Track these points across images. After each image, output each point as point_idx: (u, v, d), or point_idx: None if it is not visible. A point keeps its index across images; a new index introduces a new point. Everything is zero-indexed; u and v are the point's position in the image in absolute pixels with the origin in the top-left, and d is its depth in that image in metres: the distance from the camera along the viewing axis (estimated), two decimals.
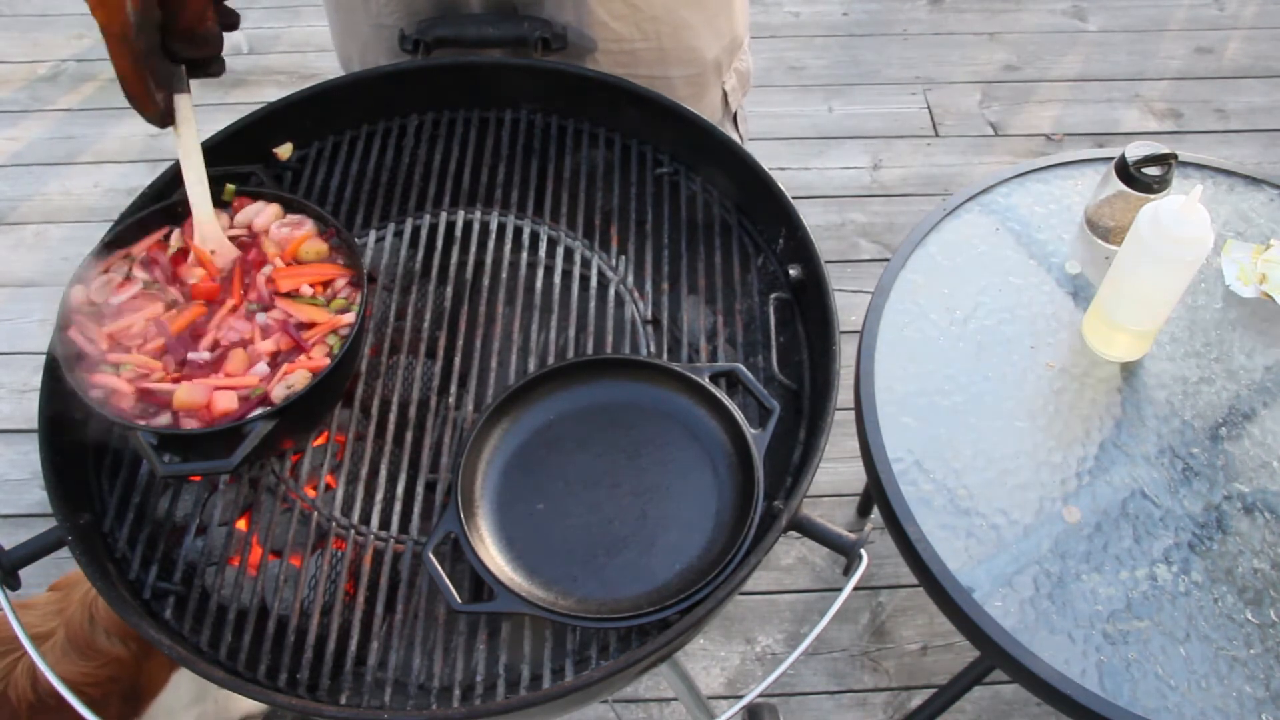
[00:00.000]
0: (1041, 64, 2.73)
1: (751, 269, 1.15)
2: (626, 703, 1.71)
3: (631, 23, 1.23)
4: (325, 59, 2.69)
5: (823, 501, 1.94)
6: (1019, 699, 1.70)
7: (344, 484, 0.99)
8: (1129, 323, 1.22)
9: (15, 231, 2.39)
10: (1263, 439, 1.20)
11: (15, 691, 1.17)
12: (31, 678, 1.18)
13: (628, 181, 1.21)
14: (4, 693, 1.17)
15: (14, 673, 1.18)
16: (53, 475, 0.95)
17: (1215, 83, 2.67)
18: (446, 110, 1.26)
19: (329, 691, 0.89)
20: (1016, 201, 1.42)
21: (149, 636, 0.87)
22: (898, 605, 1.82)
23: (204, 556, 0.96)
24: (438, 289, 1.11)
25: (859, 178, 2.48)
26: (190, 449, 0.92)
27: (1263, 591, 1.09)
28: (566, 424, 1.00)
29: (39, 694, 1.17)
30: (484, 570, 0.89)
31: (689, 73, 1.30)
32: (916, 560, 1.11)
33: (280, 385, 0.92)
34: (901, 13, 2.87)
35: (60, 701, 1.17)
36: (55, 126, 2.61)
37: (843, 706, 1.72)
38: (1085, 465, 1.18)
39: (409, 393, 1.04)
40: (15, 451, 2.02)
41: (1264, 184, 1.44)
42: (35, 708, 1.17)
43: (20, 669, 1.18)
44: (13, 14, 2.89)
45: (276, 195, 1.06)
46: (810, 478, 0.93)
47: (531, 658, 0.91)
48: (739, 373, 1.01)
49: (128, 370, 0.92)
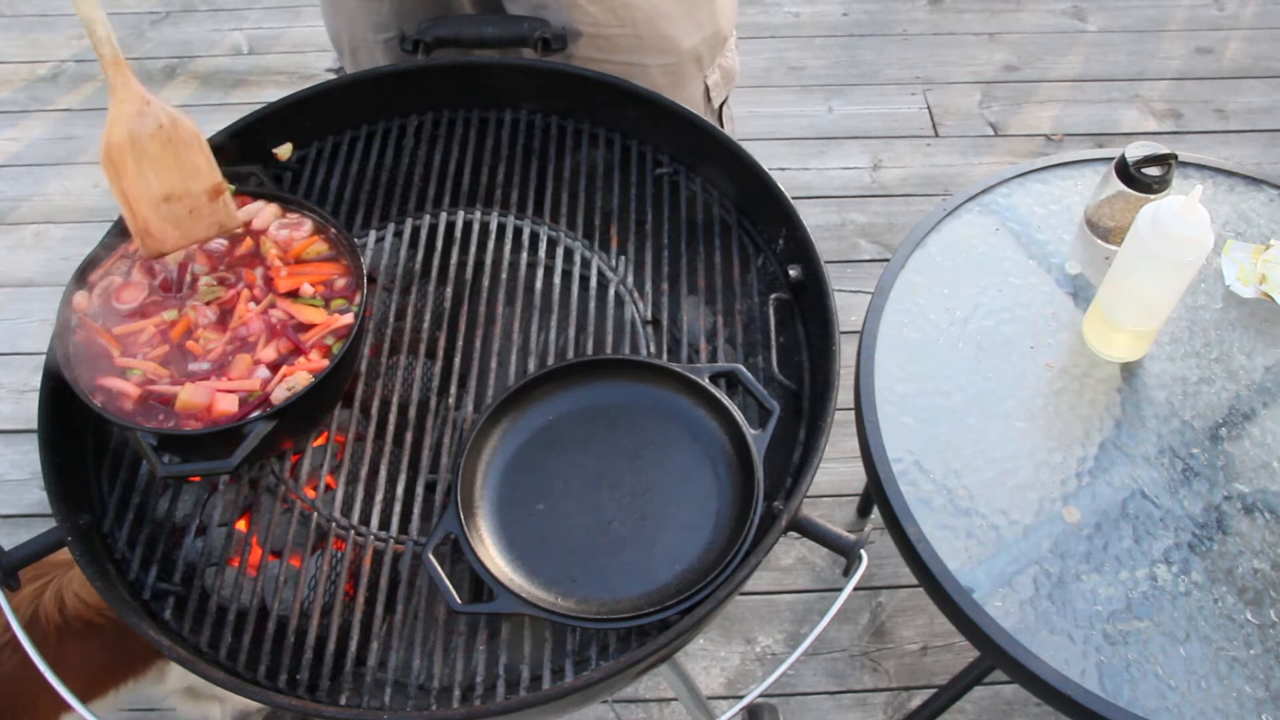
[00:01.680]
0: (1041, 64, 2.73)
1: (751, 269, 1.15)
2: (626, 703, 1.71)
3: (606, 7, 1.23)
4: (325, 59, 2.69)
5: (823, 502, 1.94)
6: (1019, 699, 1.70)
7: (344, 484, 0.99)
8: (1129, 323, 1.22)
9: (15, 231, 2.39)
10: (1263, 439, 1.20)
11: (44, 614, 1.21)
12: (59, 602, 1.22)
13: (628, 181, 1.21)
14: (34, 615, 1.21)
15: (43, 597, 1.22)
16: (53, 475, 0.95)
17: (1215, 83, 2.67)
18: (446, 110, 1.26)
19: (329, 692, 0.89)
20: (1016, 202, 1.42)
21: (149, 637, 0.87)
22: (898, 605, 1.81)
23: (204, 557, 0.96)
24: (437, 289, 1.11)
25: (859, 178, 2.48)
26: (190, 450, 0.92)
27: (1263, 592, 1.09)
28: (566, 424, 1.00)
29: (65, 618, 1.22)
30: (484, 571, 0.89)
31: (665, 61, 1.30)
32: (916, 560, 1.11)
33: (281, 386, 0.92)
34: (901, 13, 2.87)
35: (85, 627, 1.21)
36: (55, 126, 2.60)
37: (843, 707, 1.72)
38: (1085, 465, 1.18)
39: (409, 393, 1.04)
40: (15, 451, 2.02)
41: (1264, 184, 1.44)
42: (62, 630, 1.22)
43: (49, 594, 1.23)
44: (13, 14, 2.89)
45: (276, 195, 1.06)
46: (810, 478, 0.93)
47: (531, 658, 0.91)
48: (739, 373, 1.01)
49: (136, 375, 0.93)
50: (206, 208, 0.99)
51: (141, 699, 1.66)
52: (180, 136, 0.96)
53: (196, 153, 0.97)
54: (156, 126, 0.95)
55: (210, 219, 1.00)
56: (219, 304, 0.98)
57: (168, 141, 0.96)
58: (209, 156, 0.98)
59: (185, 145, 0.96)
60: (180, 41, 2.78)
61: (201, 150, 0.98)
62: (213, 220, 1.00)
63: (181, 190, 0.97)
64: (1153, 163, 1.28)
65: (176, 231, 0.98)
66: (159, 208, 0.97)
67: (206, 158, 0.98)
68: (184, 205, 0.98)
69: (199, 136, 0.97)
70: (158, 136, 0.95)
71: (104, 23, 0.90)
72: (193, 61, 2.73)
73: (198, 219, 0.99)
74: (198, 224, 0.99)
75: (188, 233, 0.99)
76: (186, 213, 0.98)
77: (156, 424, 0.90)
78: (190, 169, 0.97)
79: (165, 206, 0.97)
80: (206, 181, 0.98)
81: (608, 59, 1.26)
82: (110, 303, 0.98)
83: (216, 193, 0.99)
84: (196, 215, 0.99)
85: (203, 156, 0.98)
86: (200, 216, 0.99)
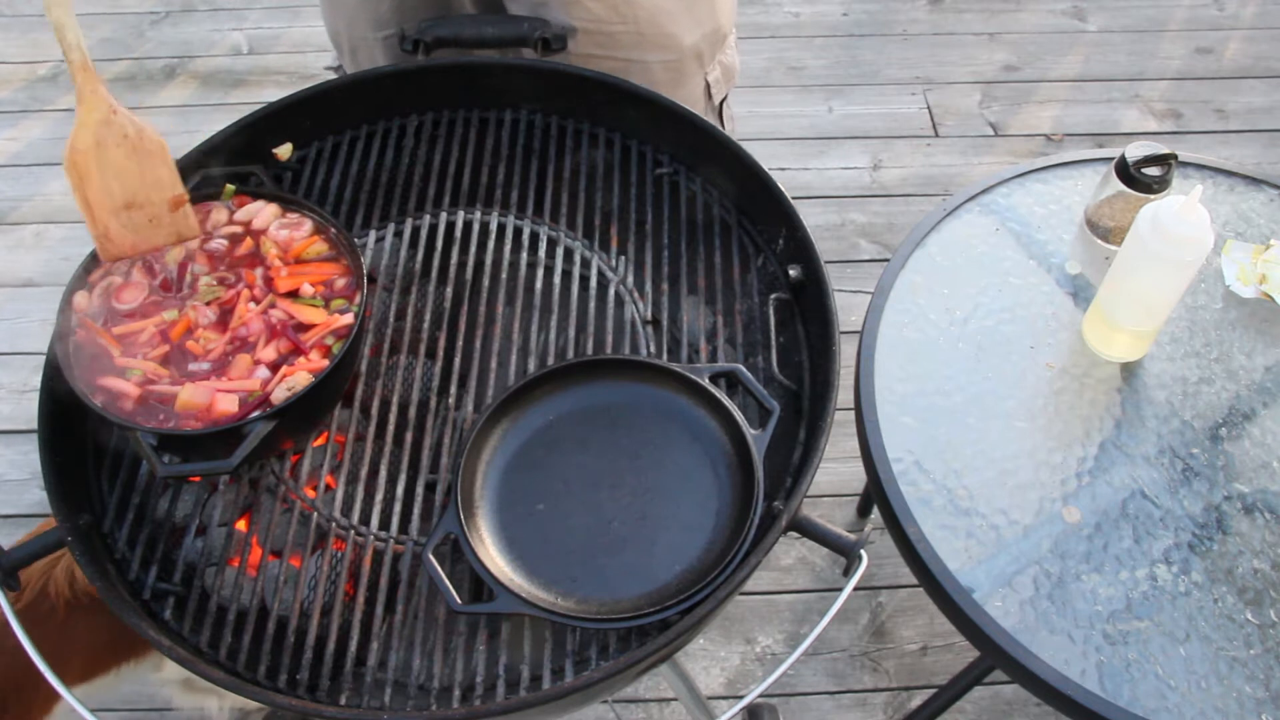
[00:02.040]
0: (1041, 64, 2.73)
1: (751, 269, 1.15)
2: (626, 703, 1.71)
3: (608, 4, 1.24)
4: (325, 59, 2.69)
5: (823, 501, 1.94)
6: (1019, 699, 1.70)
7: (344, 484, 0.99)
8: (1129, 323, 1.22)
9: (15, 231, 2.39)
10: (1263, 439, 1.20)
11: (55, 588, 1.22)
12: (70, 577, 1.22)
13: (628, 181, 1.21)
14: (44, 589, 1.21)
15: (54, 571, 1.23)
16: (53, 476, 0.95)
17: (1215, 83, 2.67)
18: (446, 110, 1.26)
19: (329, 692, 0.89)
20: (1016, 202, 1.42)
21: (149, 637, 0.87)
22: (898, 605, 1.81)
23: (204, 557, 0.96)
24: (438, 289, 1.11)
25: (859, 178, 2.48)
26: (190, 449, 0.92)
27: (1263, 592, 1.09)
28: (566, 424, 1.00)
29: (75, 593, 1.22)
30: (484, 571, 0.89)
31: (666, 58, 1.31)
32: (916, 560, 1.11)
33: (281, 387, 0.92)
34: (901, 13, 2.87)
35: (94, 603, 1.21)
36: (55, 126, 2.60)
37: (843, 707, 1.72)
38: (1085, 465, 1.18)
39: (409, 393, 1.04)
40: (15, 451, 2.02)
41: (1264, 184, 1.44)
42: (72, 605, 1.22)
43: (60, 568, 1.23)
44: (13, 14, 2.89)
45: (276, 195, 1.06)
46: (810, 478, 0.93)
47: (531, 658, 0.91)
48: (739, 373, 1.01)
49: (136, 375, 0.93)
50: (167, 217, 1.00)
51: (143, 698, 1.67)
52: (145, 147, 0.96)
53: (160, 164, 0.98)
54: (122, 136, 0.95)
55: (170, 228, 1.01)
56: (219, 304, 0.98)
57: (132, 151, 0.96)
58: (172, 168, 0.99)
59: (149, 156, 0.97)
60: (180, 41, 2.78)
61: (165, 162, 0.98)
62: (172, 229, 1.01)
63: (143, 199, 0.98)
64: (1153, 163, 1.28)
65: (136, 237, 0.99)
66: (119, 215, 0.97)
67: (170, 169, 0.99)
68: (144, 214, 0.98)
69: (164, 148, 0.98)
70: (123, 145, 0.95)
71: (74, 28, 0.90)
72: (193, 61, 2.73)
73: (157, 227, 1.00)
74: (157, 232, 1.00)
75: (147, 239, 1.00)
76: (146, 221, 0.99)
77: (156, 424, 0.90)
78: (153, 180, 0.98)
79: (126, 214, 0.97)
80: (168, 192, 0.99)
81: (609, 55, 1.26)
82: (110, 303, 0.98)
83: (177, 204, 1.00)
84: (156, 224, 1.00)
85: (166, 168, 0.98)
86: (160, 225, 1.00)
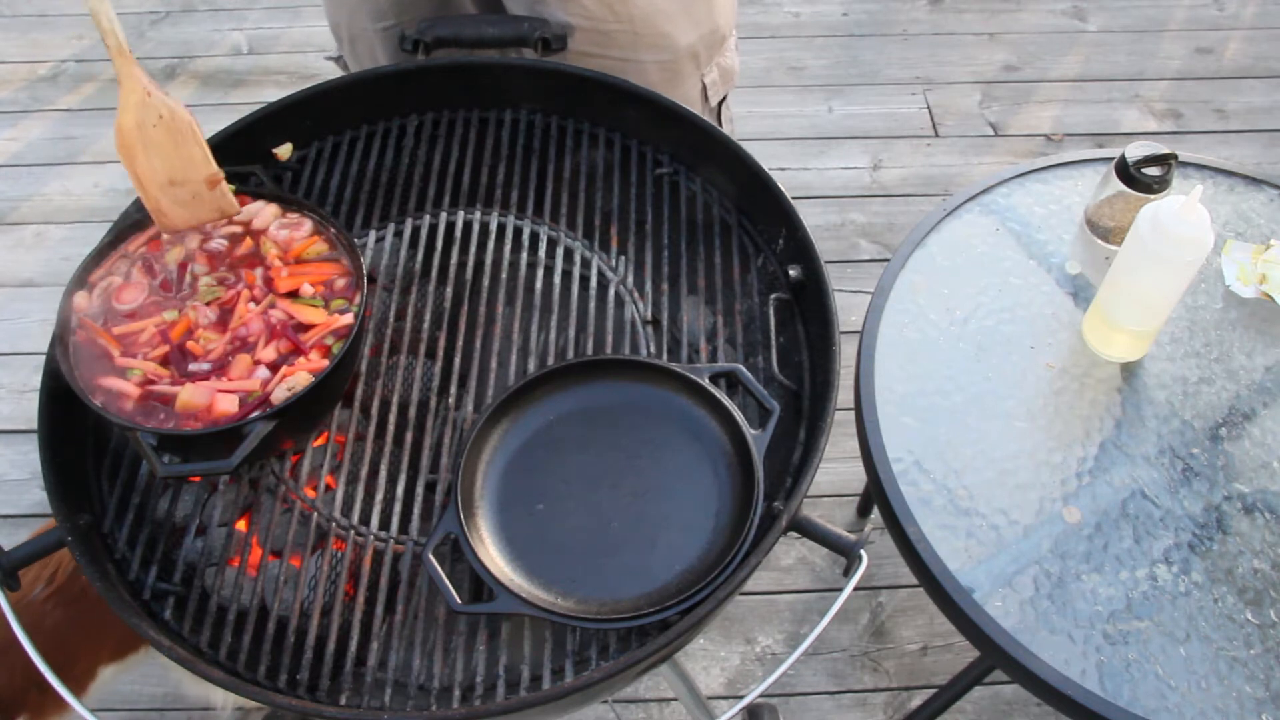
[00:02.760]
0: (1041, 64, 2.73)
1: (751, 269, 1.15)
2: (626, 703, 1.71)
3: (604, 3, 1.23)
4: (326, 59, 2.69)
5: (823, 502, 1.94)
6: (1019, 699, 1.70)
7: (344, 484, 0.99)
8: (1129, 323, 1.22)
9: (15, 231, 2.39)
10: (1263, 439, 1.20)
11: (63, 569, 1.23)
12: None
13: (628, 181, 1.21)
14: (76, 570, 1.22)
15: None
16: (53, 475, 0.95)
17: (1215, 83, 2.67)
18: (446, 110, 1.26)
19: (329, 692, 0.89)
20: (1016, 202, 1.42)
21: (149, 637, 0.87)
22: (898, 605, 1.81)
23: (204, 557, 0.96)
24: (438, 289, 1.11)
25: (859, 178, 2.48)
26: (190, 450, 0.92)
27: (1263, 592, 1.09)
28: (566, 425, 1.00)
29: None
30: (484, 571, 0.89)
31: (661, 58, 1.30)
32: (916, 560, 1.11)
33: (281, 387, 0.92)
34: (901, 13, 2.87)
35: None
36: (55, 126, 2.60)
37: (843, 707, 1.72)
38: (1085, 465, 1.17)
39: (409, 393, 1.04)
40: (15, 451, 2.02)
41: (1264, 184, 1.44)
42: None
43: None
44: (13, 14, 2.89)
45: (276, 195, 1.06)
46: (810, 478, 0.93)
47: (531, 658, 0.91)
48: (739, 373, 1.01)
49: (136, 375, 0.93)
50: (207, 194, 1.03)
51: (143, 698, 1.67)
52: (177, 127, 0.99)
53: (192, 144, 1.01)
54: (157, 116, 0.98)
55: (211, 205, 1.04)
56: (219, 304, 0.98)
57: (168, 131, 0.99)
58: (204, 147, 1.02)
59: (181, 135, 1.00)
60: (180, 41, 2.78)
61: (196, 141, 1.01)
62: (214, 206, 1.04)
63: (182, 177, 1.01)
64: (1153, 163, 1.28)
65: (185, 212, 1.03)
66: (166, 191, 1.01)
67: (201, 148, 1.02)
68: (187, 190, 1.02)
69: (193, 126, 1.00)
70: (160, 126, 0.99)
71: (109, 14, 0.93)
72: (193, 61, 2.73)
73: (200, 204, 1.03)
74: (202, 208, 1.04)
75: (195, 214, 1.04)
76: (190, 197, 1.02)
77: (156, 424, 0.90)
78: (187, 158, 1.01)
79: (171, 190, 1.01)
80: (203, 171, 1.02)
81: (604, 54, 1.26)
82: (110, 303, 0.98)
83: (213, 182, 1.03)
84: (199, 201, 1.03)
85: (198, 147, 1.01)
86: (203, 202, 1.03)
